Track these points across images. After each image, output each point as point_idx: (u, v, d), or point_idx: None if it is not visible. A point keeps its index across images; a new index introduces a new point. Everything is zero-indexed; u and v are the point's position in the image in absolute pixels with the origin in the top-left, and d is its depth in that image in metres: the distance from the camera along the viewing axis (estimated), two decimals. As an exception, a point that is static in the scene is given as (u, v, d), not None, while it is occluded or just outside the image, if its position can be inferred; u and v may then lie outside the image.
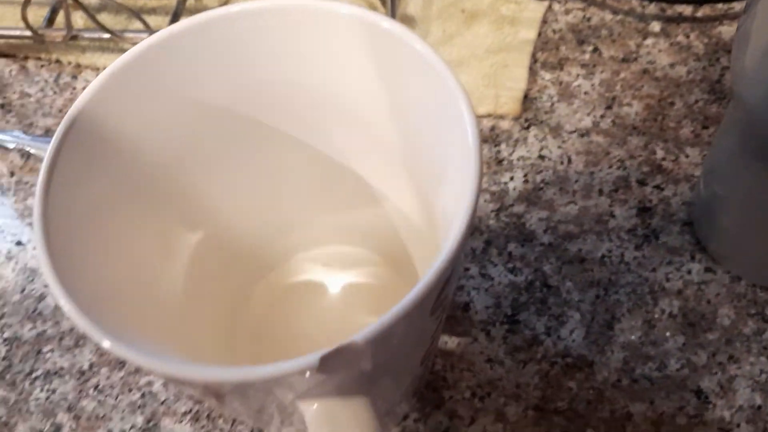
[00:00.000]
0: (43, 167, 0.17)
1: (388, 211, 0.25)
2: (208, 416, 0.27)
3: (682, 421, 0.26)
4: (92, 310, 0.15)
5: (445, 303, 0.17)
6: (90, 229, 0.18)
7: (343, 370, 0.14)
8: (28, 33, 0.35)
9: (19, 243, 0.32)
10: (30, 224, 0.33)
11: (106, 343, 0.14)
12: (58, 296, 0.15)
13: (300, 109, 0.22)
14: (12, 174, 0.34)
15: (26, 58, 0.38)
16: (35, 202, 0.16)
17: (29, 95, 0.37)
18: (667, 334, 0.27)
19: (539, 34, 0.36)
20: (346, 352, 0.14)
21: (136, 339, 0.16)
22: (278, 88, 0.21)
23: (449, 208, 0.18)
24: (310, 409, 0.16)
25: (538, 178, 0.32)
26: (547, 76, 0.35)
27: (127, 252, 0.20)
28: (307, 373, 0.14)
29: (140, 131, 0.20)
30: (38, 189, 0.17)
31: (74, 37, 0.35)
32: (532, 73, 0.35)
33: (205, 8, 0.32)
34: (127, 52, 0.18)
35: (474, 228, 0.30)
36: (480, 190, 0.16)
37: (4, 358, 0.29)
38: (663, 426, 0.26)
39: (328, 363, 0.14)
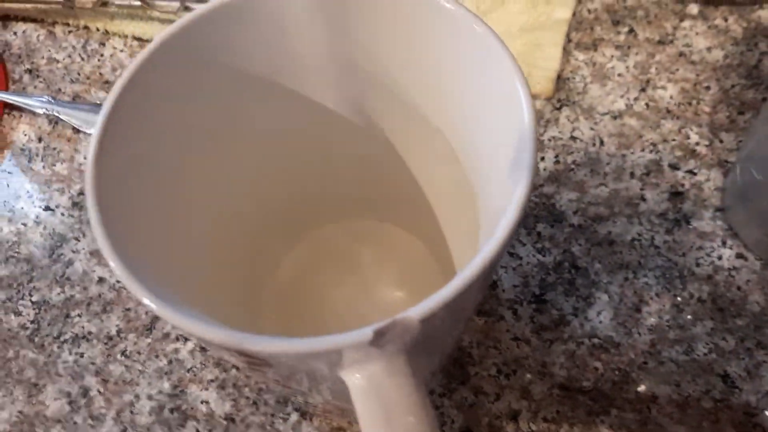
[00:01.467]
0: (96, 131, 0.17)
1: (423, 188, 0.25)
2: (234, 384, 0.28)
3: (707, 404, 0.26)
4: (142, 273, 0.16)
5: (488, 283, 0.17)
6: (139, 190, 0.18)
7: (395, 343, 0.14)
8: (58, -3, 0.35)
9: (47, 208, 0.32)
10: (58, 190, 0.33)
11: (171, 317, 0.14)
12: (119, 272, 0.15)
13: (344, 85, 0.22)
14: (40, 140, 0.34)
15: (54, 23, 0.38)
16: (87, 165, 0.16)
17: (57, 61, 0.37)
18: (696, 318, 0.27)
19: (574, 14, 0.36)
20: (400, 326, 0.14)
21: (179, 303, 0.17)
22: (320, 62, 0.21)
23: (496, 191, 0.18)
24: (354, 381, 0.16)
25: (569, 159, 0.31)
26: (580, 56, 0.34)
27: (169, 216, 0.20)
28: (361, 346, 0.14)
29: (186, 97, 0.20)
30: (91, 151, 0.17)
31: (104, 4, 0.35)
32: (566, 53, 0.34)
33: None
34: (175, 23, 0.18)
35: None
36: (535, 172, 0.15)
37: (32, 321, 0.30)
38: (688, 409, 0.26)
39: (381, 336, 0.14)
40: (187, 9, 0.34)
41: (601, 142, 0.32)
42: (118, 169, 0.17)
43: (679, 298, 0.28)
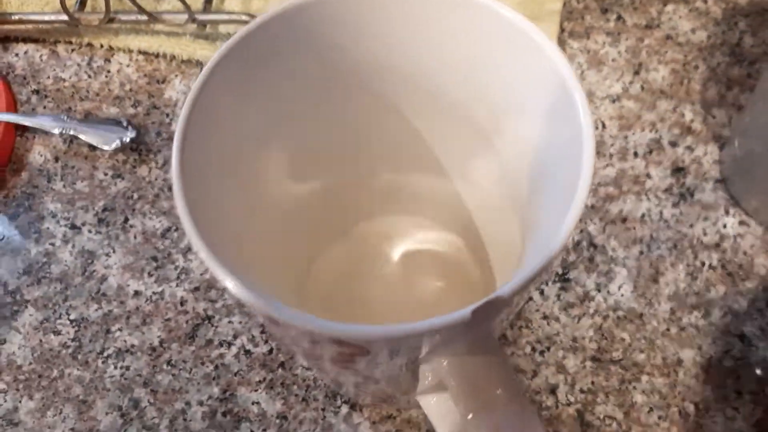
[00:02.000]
0: (179, 127, 0.18)
1: (454, 182, 0.27)
2: (282, 383, 0.29)
3: (729, 363, 0.28)
4: (229, 267, 0.16)
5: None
6: (216, 183, 0.19)
7: (488, 321, 0.16)
8: (63, 17, 0.35)
9: (73, 226, 0.33)
10: (82, 207, 0.33)
11: (278, 314, 0.15)
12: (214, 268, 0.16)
13: (393, 92, 0.23)
14: (57, 159, 0.35)
15: (56, 42, 0.38)
16: (173, 159, 0.17)
17: (63, 80, 0.37)
18: (709, 284, 0.29)
19: (564, 4, 0.37)
20: (494, 305, 0.15)
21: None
22: (371, 67, 0.22)
23: (549, 192, 0.19)
24: (444, 360, 0.17)
25: (576, 143, 0.33)
26: (575, 44, 0.36)
27: (236, 216, 0.21)
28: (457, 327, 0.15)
29: (246, 101, 0.20)
30: (175, 146, 0.18)
31: (110, 20, 0.35)
32: (560, 42, 0.36)
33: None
34: (232, 38, 0.19)
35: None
36: (591, 179, 0.17)
37: (73, 339, 0.30)
38: (711, 369, 0.28)
39: (478, 315, 0.15)
40: (194, 21, 0.35)
41: (603, 125, 0.34)
42: (198, 166, 0.18)
43: (691, 267, 0.30)
